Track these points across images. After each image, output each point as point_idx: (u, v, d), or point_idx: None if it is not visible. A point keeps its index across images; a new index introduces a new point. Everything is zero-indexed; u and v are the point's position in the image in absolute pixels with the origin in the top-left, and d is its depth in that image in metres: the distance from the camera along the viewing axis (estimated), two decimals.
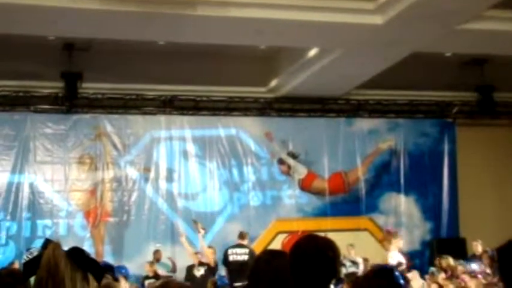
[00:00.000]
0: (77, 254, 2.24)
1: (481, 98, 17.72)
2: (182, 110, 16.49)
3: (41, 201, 15.26)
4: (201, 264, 13.08)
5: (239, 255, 12.96)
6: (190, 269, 13.24)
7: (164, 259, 14.81)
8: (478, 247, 14.90)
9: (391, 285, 3.15)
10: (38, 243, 14.48)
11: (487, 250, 14.53)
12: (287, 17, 12.30)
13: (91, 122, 15.91)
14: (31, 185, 15.24)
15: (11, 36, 13.32)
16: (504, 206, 17.77)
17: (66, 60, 14.91)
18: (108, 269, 3.84)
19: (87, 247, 14.27)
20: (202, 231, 13.93)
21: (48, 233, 14.83)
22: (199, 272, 12.92)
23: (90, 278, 2.25)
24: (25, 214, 15.09)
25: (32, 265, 2.23)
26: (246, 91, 16.62)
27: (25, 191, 15.16)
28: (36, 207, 15.19)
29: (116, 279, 3.68)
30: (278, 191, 16.97)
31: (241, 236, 13.61)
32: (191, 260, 13.54)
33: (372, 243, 17.05)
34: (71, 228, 15.37)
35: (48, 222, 15.25)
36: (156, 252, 14.82)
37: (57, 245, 2.24)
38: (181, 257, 14.56)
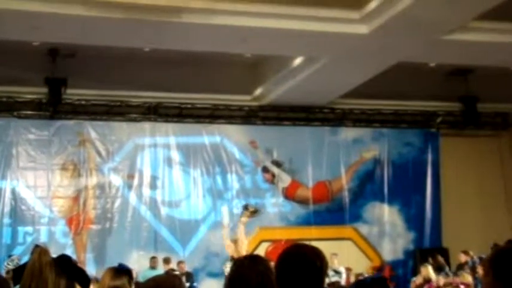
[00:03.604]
0: (63, 261, 2.21)
1: (464, 109, 17.84)
2: (166, 117, 16.45)
3: (23, 207, 15.12)
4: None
5: None
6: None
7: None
8: (464, 257, 14.83)
9: None
10: (18, 250, 14.33)
11: (467, 261, 14.53)
12: (273, 25, 12.29)
13: (75, 128, 15.81)
14: (13, 191, 15.11)
15: None
16: (487, 216, 17.82)
17: (51, 66, 14.84)
18: (126, 272, 3.74)
19: (69, 255, 14.10)
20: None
21: (29, 240, 14.69)
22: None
23: (76, 286, 2.22)
24: (6, 220, 14.95)
25: (19, 271, 2.20)
26: (231, 99, 16.61)
27: (7, 197, 15.03)
28: (17, 214, 15.05)
29: (130, 284, 3.60)
30: (262, 199, 16.92)
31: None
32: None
33: (355, 253, 17.07)
34: (52, 235, 15.22)
35: (29, 229, 15.10)
36: (153, 259, 14.86)
37: (44, 250, 2.22)
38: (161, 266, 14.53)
